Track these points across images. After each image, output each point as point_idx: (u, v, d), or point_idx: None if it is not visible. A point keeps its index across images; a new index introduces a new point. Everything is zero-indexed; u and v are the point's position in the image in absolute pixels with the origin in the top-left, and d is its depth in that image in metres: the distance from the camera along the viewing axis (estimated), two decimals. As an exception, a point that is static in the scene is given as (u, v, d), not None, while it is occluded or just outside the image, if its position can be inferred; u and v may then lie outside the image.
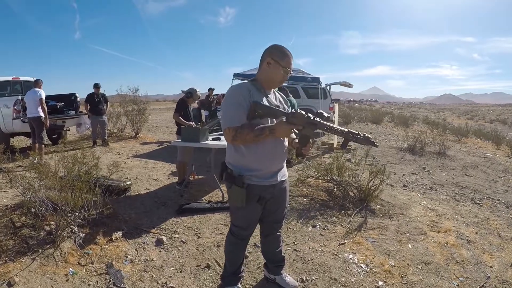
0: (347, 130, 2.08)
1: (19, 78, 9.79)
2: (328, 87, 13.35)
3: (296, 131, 2.18)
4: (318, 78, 11.03)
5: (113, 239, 3.63)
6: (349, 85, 13.22)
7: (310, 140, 2.21)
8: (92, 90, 9.54)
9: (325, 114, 2.15)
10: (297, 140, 2.24)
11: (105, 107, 9.70)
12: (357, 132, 2.06)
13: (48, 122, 7.33)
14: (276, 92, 2.46)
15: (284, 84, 12.18)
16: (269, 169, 2.30)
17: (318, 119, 2.10)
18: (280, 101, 2.41)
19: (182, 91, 6.13)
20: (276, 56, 2.21)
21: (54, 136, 10.07)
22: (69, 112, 9.64)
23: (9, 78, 9.67)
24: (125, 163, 7.50)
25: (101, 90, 9.67)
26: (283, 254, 2.73)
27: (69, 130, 10.31)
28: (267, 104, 2.21)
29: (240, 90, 2.20)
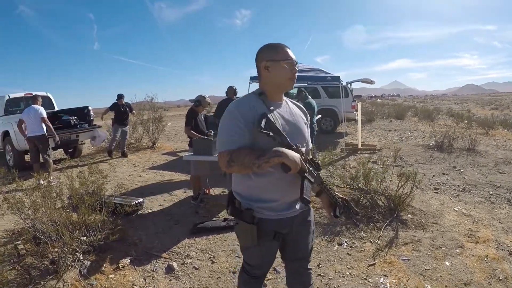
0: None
1: (32, 94, 9.71)
2: (349, 85, 12.91)
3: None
4: (339, 76, 10.62)
5: (120, 266, 3.37)
6: (370, 82, 12.75)
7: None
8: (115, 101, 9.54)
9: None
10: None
11: (128, 115, 9.72)
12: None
13: (58, 137, 7.11)
14: (289, 102, 1.98)
15: (303, 84, 11.73)
16: (286, 199, 1.84)
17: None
18: (294, 114, 1.93)
19: (190, 100, 5.83)
20: (268, 55, 1.83)
21: (70, 150, 9.99)
22: (82, 126, 9.51)
23: (22, 94, 9.58)
24: (140, 176, 7.30)
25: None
26: None
27: (84, 143, 10.19)
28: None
29: (239, 106, 1.79)
